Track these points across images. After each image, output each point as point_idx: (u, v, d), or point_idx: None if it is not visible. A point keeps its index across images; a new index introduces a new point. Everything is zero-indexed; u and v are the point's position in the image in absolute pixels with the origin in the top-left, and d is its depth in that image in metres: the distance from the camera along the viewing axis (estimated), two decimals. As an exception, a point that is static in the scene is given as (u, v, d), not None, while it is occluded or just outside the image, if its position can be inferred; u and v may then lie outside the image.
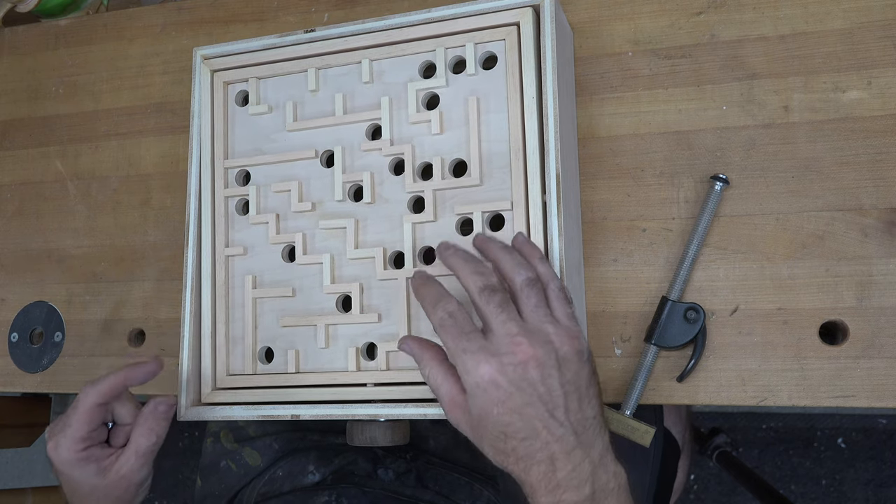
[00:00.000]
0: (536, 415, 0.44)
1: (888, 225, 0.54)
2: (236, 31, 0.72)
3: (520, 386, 0.44)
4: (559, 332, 0.46)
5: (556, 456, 0.44)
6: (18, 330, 0.73)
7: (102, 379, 0.54)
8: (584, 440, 0.45)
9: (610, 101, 0.61)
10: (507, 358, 0.44)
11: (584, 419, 0.45)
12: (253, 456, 0.77)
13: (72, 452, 0.53)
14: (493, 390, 0.44)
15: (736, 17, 0.59)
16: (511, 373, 0.44)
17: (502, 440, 0.45)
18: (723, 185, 0.56)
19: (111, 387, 0.54)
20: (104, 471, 0.54)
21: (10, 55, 0.80)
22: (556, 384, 0.45)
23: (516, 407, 0.44)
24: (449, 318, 0.46)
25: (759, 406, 0.55)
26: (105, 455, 0.55)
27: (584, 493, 0.45)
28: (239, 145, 0.61)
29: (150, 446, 0.55)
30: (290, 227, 0.59)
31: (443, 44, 0.56)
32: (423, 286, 0.49)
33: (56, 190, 0.76)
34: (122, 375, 0.55)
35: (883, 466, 1.32)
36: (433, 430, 0.75)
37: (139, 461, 0.54)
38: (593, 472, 0.45)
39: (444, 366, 0.48)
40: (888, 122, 0.55)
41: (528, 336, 0.45)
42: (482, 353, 0.45)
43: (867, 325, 0.54)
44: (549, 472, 0.44)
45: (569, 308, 0.47)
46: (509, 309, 0.46)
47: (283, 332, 0.57)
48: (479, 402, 0.45)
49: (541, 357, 0.44)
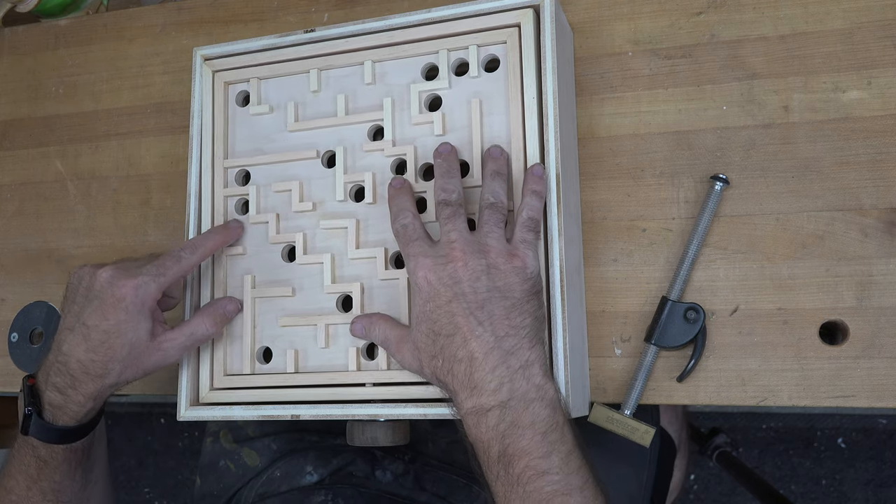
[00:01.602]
0: (459, 310, 0.47)
1: (888, 225, 0.54)
2: (236, 31, 0.72)
3: (446, 283, 0.48)
4: (500, 248, 0.49)
5: (475, 354, 0.47)
6: (18, 330, 0.73)
7: (201, 241, 0.56)
8: (504, 345, 0.47)
9: (610, 101, 0.61)
10: (441, 259, 0.49)
11: (511, 326, 0.47)
12: (251, 456, 0.77)
13: (152, 299, 0.53)
14: (425, 287, 0.49)
15: (736, 17, 0.59)
16: (441, 271, 0.48)
17: (433, 341, 0.48)
18: (723, 185, 0.56)
19: (211, 249, 0.56)
20: (155, 334, 0.54)
21: (10, 55, 0.80)
22: (483, 287, 0.48)
23: (442, 303, 0.48)
24: (402, 228, 0.51)
25: (759, 406, 0.55)
26: (162, 319, 0.55)
27: (499, 397, 0.46)
28: (239, 145, 0.61)
29: (205, 334, 0.55)
30: (291, 226, 0.58)
31: (445, 46, 0.56)
32: (393, 197, 0.53)
33: (56, 190, 0.76)
34: (220, 237, 0.57)
35: (883, 466, 1.32)
36: (432, 432, 0.75)
37: (188, 342, 0.55)
38: (511, 377, 0.46)
39: (391, 321, 0.53)
40: (888, 122, 0.55)
41: (465, 244, 0.49)
42: (421, 256, 0.49)
43: (867, 325, 0.54)
44: (468, 372, 0.47)
45: (528, 235, 0.50)
46: (456, 221, 0.50)
47: (283, 331, 0.57)
48: (417, 301, 0.50)
49: (470, 261, 0.48)
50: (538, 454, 0.45)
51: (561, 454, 0.45)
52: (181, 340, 0.54)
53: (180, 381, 0.58)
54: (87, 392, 0.53)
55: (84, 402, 0.53)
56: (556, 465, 0.45)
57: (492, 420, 0.46)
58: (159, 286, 0.53)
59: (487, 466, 0.46)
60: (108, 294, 0.52)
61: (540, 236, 0.51)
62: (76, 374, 0.52)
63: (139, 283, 0.52)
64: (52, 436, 0.54)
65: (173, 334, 0.54)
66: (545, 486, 0.44)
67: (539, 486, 0.44)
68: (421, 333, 0.49)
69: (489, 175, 0.52)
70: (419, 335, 0.49)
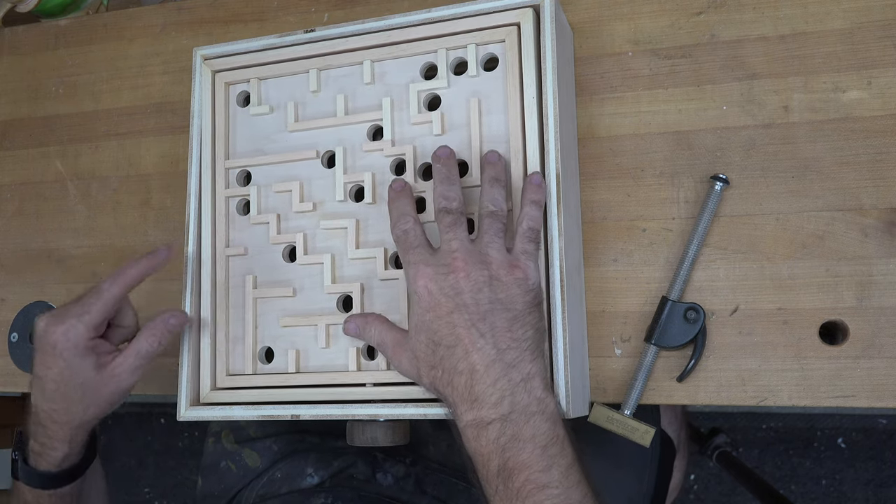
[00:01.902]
0: (460, 322, 0.47)
1: (888, 225, 0.54)
2: (236, 31, 0.72)
3: (448, 294, 0.47)
4: (502, 259, 0.48)
5: (476, 367, 0.46)
6: (18, 330, 0.73)
7: (123, 271, 0.55)
8: (506, 357, 0.46)
9: (610, 101, 0.61)
10: (442, 269, 0.48)
11: (512, 339, 0.47)
12: (252, 457, 0.77)
13: (83, 339, 0.53)
14: (426, 296, 0.48)
15: (736, 17, 0.59)
16: (442, 281, 0.47)
17: (432, 351, 0.48)
18: (723, 185, 0.56)
19: (132, 279, 0.55)
20: (102, 365, 0.54)
21: (10, 55, 0.80)
22: (485, 299, 0.47)
23: (443, 314, 0.47)
24: (403, 234, 0.50)
25: (759, 406, 0.55)
26: (106, 350, 0.55)
27: (500, 410, 0.45)
28: (240, 146, 0.61)
29: (151, 351, 0.55)
30: (291, 227, 0.59)
31: (444, 45, 0.56)
32: (393, 200, 0.52)
33: (56, 190, 0.76)
34: (142, 266, 0.56)
35: (883, 466, 1.32)
36: (433, 435, 0.75)
37: (136, 362, 0.54)
38: (512, 390, 0.46)
39: (387, 323, 0.52)
40: (888, 122, 0.55)
41: (467, 254, 0.48)
42: (422, 265, 0.48)
43: (867, 325, 0.54)
44: (469, 385, 0.46)
45: (529, 246, 0.49)
46: (457, 230, 0.49)
47: (284, 332, 0.57)
48: (416, 310, 0.49)
49: (472, 272, 0.47)
50: (538, 468, 0.44)
51: (561, 468, 0.45)
52: (130, 362, 0.54)
53: (180, 381, 0.58)
54: (59, 437, 0.55)
55: (59, 447, 0.55)
56: (556, 478, 0.44)
57: (492, 433, 0.45)
58: (86, 325, 0.53)
59: (486, 480, 0.46)
60: (45, 343, 0.53)
61: (540, 246, 0.51)
62: (45, 422, 0.55)
63: (66, 327, 0.53)
64: (36, 481, 0.56)
65: (121, 359, 0.54)
66: (545, 500, 0.44)
67: (539, 499, 0.44)
68: (420, 343, 0.49)
69: (487, 181, 0.51)
70: (418, 344, 0.49)
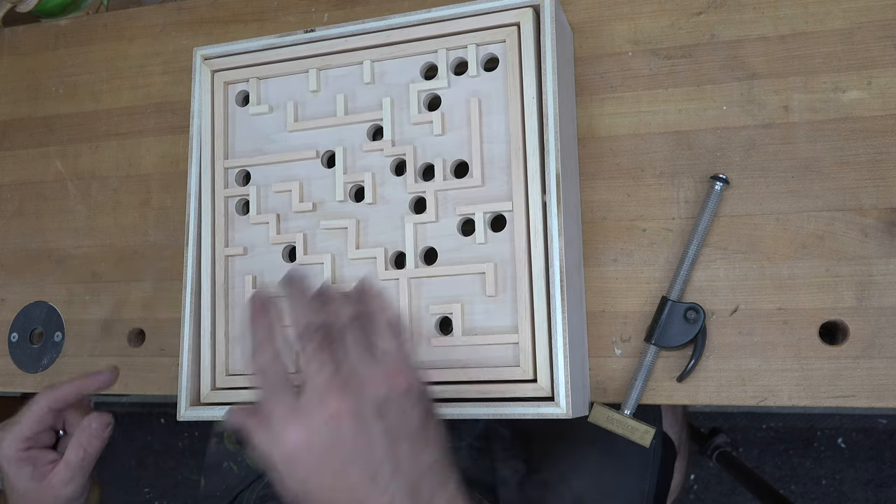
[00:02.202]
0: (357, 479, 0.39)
1: (888, 225, 0.54)
2: (236, 31, 0.72)
3: (334, 445, 0.38)
4: (377, 372, 0.40)
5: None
6: (18, 330, 0.73)
7: (59, 385, 0.55)
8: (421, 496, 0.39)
9: (610, 101, 0.61)
10: (317, 416, 0.39)
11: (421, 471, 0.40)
12: (254, 458, 0.77)
13: (13, 450, 0.54)
14: (305, 457, 0.39)
15: (736, 17, 0.59)
16: (323, 432, 0.38)
17: None
18: (723, 185, 0.56)
19: (64, 394, 0.55)
20: (40, 476, 0.54)
21: (10, 55, 0.80)
22: (378, 435, 0.39)
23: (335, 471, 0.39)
24: (260, 371, 0.41)
25: (759, 406, 0.55)
26: (46, 461, 0.55)
27: None
28: (239, 145, 0.61)
29: (77, 461, 0.54)
30: (291, 227, 0.59)
31: (444, 45, 0.56)
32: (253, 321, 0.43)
33: (56, 190, 0.76)
34: (77, 384, 0.56)
35: (883, 466, 1.32)
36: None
37: (67, 474, 0.54)
38: None
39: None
40: (888, 122, 0.55)
41: (341, 385, 0.39)
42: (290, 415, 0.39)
43: (867, 325, 0.54)
44: None
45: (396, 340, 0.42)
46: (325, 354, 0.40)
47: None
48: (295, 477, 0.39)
49: (355, 407, 0.39)
50: None
51: None
52: (63, 474, 0.54)
53: (180, 381, 0.58)
54: None
55: None
56: None
57: None
58: (14, 436, 0.54)
59: None
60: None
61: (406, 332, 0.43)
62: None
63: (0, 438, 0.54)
64: None
65: (56, 470, 0.54)
66: None
67: None
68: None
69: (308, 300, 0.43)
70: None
